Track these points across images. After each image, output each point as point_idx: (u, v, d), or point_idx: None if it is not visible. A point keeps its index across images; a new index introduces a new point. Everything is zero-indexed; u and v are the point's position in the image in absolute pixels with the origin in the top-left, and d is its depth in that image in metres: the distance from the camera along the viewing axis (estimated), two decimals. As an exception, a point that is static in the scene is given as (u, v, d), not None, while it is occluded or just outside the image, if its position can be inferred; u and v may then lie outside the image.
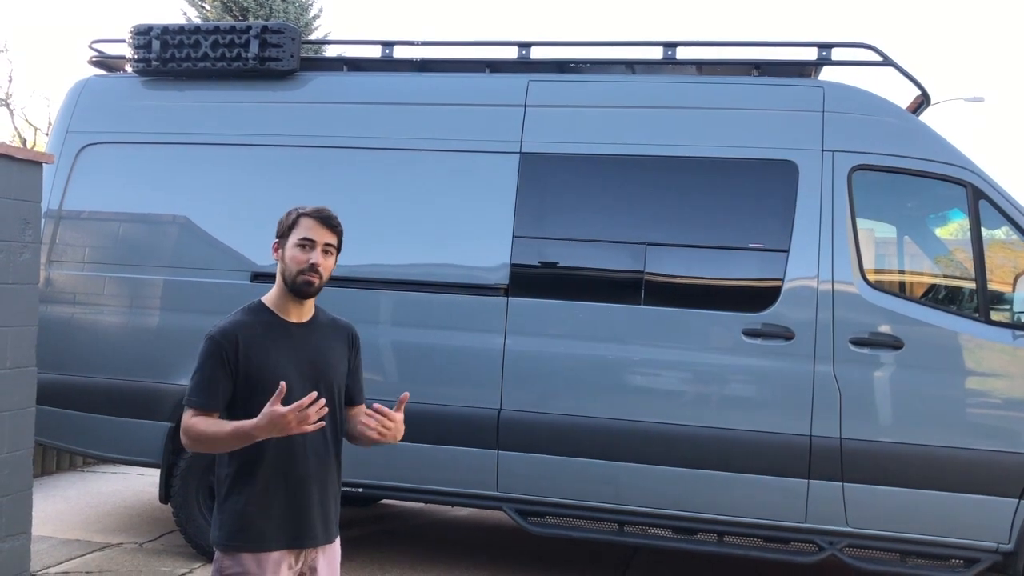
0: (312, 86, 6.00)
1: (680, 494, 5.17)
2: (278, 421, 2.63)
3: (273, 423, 2.64)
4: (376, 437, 2.88)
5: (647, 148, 5.43)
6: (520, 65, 5.81)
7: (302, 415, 2.63)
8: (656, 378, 5.36)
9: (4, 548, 4.98)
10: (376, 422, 2.87)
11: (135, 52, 6.07)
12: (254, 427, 2.68)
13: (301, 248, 2.91)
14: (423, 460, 5.36)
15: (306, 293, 2.94)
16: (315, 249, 2.91)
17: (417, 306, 5.52)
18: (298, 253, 2.91)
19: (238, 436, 2.74)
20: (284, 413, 2.62)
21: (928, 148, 5.17)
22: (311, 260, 2.90)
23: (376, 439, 2.90)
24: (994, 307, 5.06)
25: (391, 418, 2.88)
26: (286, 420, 2.63)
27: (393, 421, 2.88)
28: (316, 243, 2.92)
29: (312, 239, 2.91)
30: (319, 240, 2.92)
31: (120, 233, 6.05)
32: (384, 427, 2.87)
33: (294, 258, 2.91)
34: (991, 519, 4.86)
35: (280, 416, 2.63)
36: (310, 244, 2.91)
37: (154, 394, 5.72)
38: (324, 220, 2.94)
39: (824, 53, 5.46)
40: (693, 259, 5.37)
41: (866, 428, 4.99)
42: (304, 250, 2.91)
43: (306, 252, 2.91)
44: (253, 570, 2.86)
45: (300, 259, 2.90)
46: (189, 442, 2.86)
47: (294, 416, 2.62)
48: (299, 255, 2.91)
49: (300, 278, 2.91)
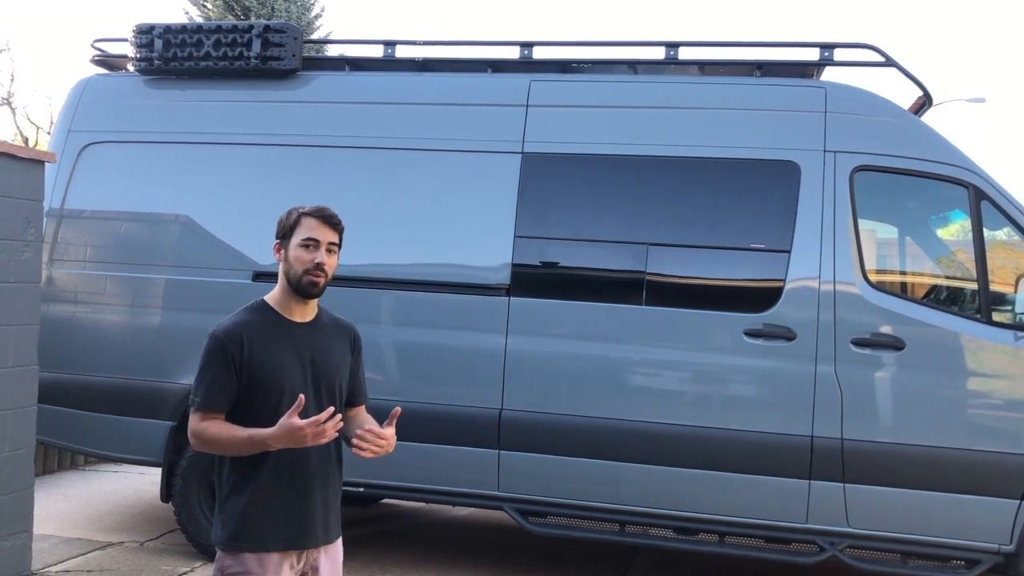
0: (314, 86, 6.00)
1: (681, 494, 5.17)
2: (295, 434, 2.66)
3: (290, 435, 2.67)
4: (370, 456, 2.85)
5: (649, 148, 5.42)
6: (522, 65, 5.81)
7: (319, 429, 2.65)
8: (657, 378, 5.36)
9: (5, 546, 4.98)
10: (368, 443, 2.83)
11: (137, 51, 6.07)
12: (270, 436, 2.70)
13: (305, 248, 2.91)
14: (424, 460, 5.36)
15: (311, 293, 2.94)
16: (319, 248, 2.91)
17: (419, 306, 5.52)
18: (303, 253, 2.91)
19: (253, 443, 2.76)
20: (301, 427, 2.64)
21: (930, 149, 5.17)
22: (316, 259, 2.90)
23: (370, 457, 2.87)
24: (995, 308, 5.06)
25: (382, 436, 2.85)
26: (303, 433, 2.65)
27: (384, 438, 2.85)
28: (320, 242, 2.92)
29: (316, 238, 2.91)
30: (323, 239, 2.92)
31: (122, 232, 6.05)
32: (376, 446, 2.84)
33: (299, 258, 2.91)
34: (992, 520, 4.86)
35: (298, 429, 2.65)
36: (314, 244, 2.91)
37: (155, 393, 5.72)
38: (326, 219, 2.94)
39: (826, 54, 5.46)
40: (695, 259, 5.37)
41: (867, 429, 4.99)
42: (309, 250, 2.91)
43: (311, 252, 2.91)
44: (255, 570, 2.86)
45: (305, 259, 2.90)
46: (199, 444, 2.86)
47: (311, 430, 2.65)
48: (304, 255, 2.91)
49: (306, 278, 2.91)
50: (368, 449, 2.83)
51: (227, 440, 2.80)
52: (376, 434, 2.84)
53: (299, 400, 2.67)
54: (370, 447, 2.83)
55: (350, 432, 3.03)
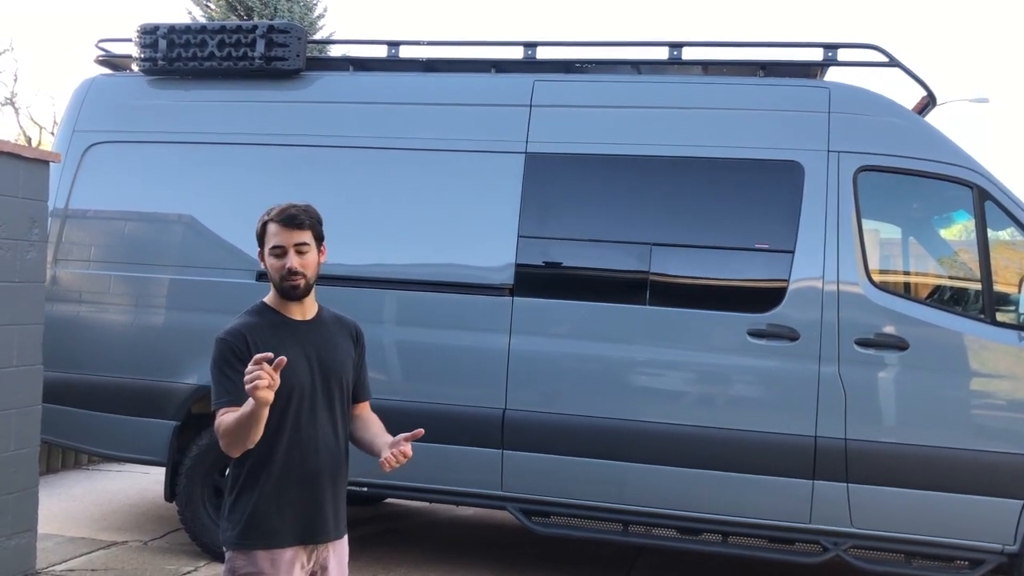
0: (318, 86, 6.00)
1: (685, 494, 5.17)
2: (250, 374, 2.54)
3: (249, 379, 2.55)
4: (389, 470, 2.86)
5: (652, 148, 5.42)
6: (526, 65, 5.81)
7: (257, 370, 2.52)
8: (661, 378, 5.36)
9: (10, 545, 4.99)
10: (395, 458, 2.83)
11: (141, 51, 6.08)
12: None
13: (275, 256, 2.92)
14: (428, 459, 5.33)
15: (294, 296, 2.95)
16: (287, 254, 2.90)
17: (422, 306, 5.53)
18: (274, 261, 2.93)
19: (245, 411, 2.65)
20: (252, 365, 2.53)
21: (934, 149, 5.16)
22: (287, 265, 2.90)
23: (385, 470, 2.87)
24: (999, 308, 5.05)
25: (406, 454, 2.85)
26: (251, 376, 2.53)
27: (407, 456, 2.86)
28: (286, 248, 2.90)
29: (281, 245, 2.91)
30: (288, 243, 2.91)
31: (126, 232, 6.06)
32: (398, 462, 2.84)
33: (272, 266, 2.94)
34: (996, 520, 4.86)
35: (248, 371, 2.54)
36: (281, 250, 2.91)
37: (160, 393, 5.73)
38: (287, 221, 2.91)
39: (830, 54, 5.45)
40: (698, 260, 5.37)
41: (871, 429, 4.99)
42: (279, 258, 2.92)
43: (280, 259, 2.91)
44: (267, 569, 2.86)
45: (277, 267, 2.92)
46: (224, 442, 2.80)
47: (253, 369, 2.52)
48: (275, 263, 2.93)
49: (284, 284, 2.93)
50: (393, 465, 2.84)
51: (233, 423, 2.72)
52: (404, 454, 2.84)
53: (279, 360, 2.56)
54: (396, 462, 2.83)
55: (356, 430, 3.04)
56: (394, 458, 2.82)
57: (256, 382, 2.53)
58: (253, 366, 2.55)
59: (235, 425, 2.72)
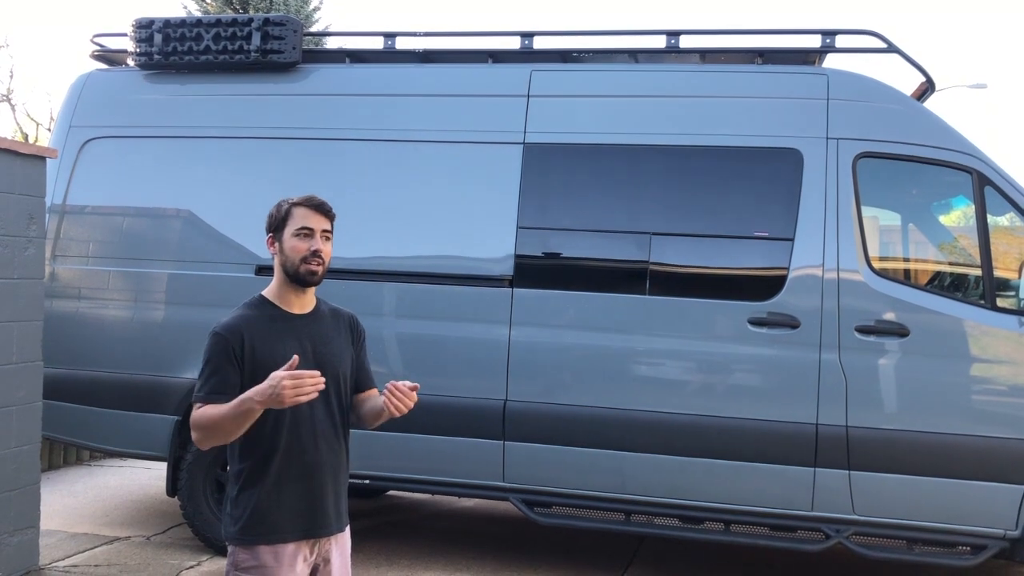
0: (314, 78, 5.99)
1: (686, 483, 5.17)
2: (275, 388, 2.58)
3: (271, 389, 2.59)
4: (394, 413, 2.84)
5: (651, 137, 5.41)
6: (523, 55, 5.79)
7: (298, 383, 2.58)
8: (662, 368, 5.36)
9: (12, 542, 5.00)
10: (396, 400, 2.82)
11: (137, 46, 6.06)
12: (256, 393, 2.64)
13: (300, 237, 2.92)
14: (429, 451, 5.36)
15: (310, 281, 2.95)
16: (314, 236, 2.93)
17: (422, 298, 5.52)
18: (298, 243, 2.92)
19: (241, 409, 2.68)
20: (281, 376, 2.59)
21: (933, 135, 5.15)
22: (313, 247, 2.91)
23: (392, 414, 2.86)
24: (1000, 294, 5.05)
25: (410, 397, 2.84)
26: (282, 386, 2.58)
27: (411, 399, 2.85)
28: (314, 231, 2.93)
29: (310, 227, 2.93)
30: (316, 227, 2.94)
31: (124, 227, 6.05)
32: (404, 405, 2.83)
33: (295, 248, 2.92)
34: (998, 506, 4.86)
35: (278, 380, 2.58)
36: (309, 232, 2.93)
37: (160, 388, 5.73)
38: (317, 207, 2.96)
39: (828, 40, 5.44)
40: (698, 248, 5.36)
41: (872, 416, 4.99)
42: (304, 239, 2.92)
43: (306, 240, 2.92)
44: (270, 563, 2.87)
45: (301, 248, 2.91)
46: (198, 434, 2.82)
47: (290, 383, 2.58)
48: (299, 244, 2.92)
49: (304, 267, 2.92)
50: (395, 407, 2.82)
51: (219, 417, 2.73)
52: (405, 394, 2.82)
53: (293, 359, 2.63)
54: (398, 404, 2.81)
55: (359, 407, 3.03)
56: (391, 394, 2.80)
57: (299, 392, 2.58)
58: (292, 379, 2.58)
59: (220, 420, 2.73)
